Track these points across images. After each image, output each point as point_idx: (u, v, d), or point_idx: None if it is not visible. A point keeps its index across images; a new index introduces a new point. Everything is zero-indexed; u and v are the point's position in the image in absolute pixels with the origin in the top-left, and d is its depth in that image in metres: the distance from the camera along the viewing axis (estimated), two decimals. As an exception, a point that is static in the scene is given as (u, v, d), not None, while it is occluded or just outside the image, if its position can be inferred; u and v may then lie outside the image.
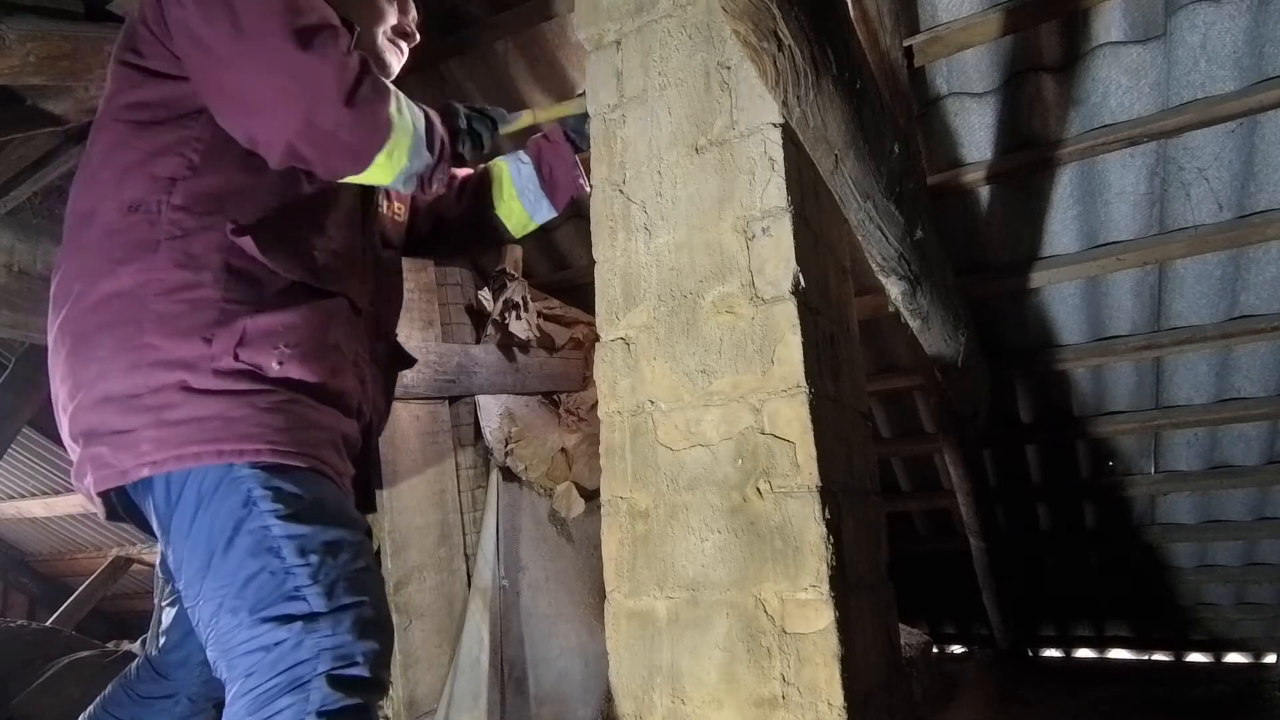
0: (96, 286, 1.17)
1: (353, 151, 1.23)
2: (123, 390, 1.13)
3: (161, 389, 1.12)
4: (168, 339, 1.14)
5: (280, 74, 1.16)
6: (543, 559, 2.98)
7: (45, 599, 6.63)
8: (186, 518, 1.12)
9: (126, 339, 1.14)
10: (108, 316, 1.16)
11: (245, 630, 1.07)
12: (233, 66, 1.16)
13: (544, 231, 3.29)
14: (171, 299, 1.15)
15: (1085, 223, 2.59)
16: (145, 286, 1.15)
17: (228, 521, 1.10)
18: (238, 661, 1.07)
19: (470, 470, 2.97)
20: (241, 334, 1.16)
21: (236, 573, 1.09)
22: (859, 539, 1.52)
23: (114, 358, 1.14)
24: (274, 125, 1.17)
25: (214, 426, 1.12)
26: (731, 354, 1.46)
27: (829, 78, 1.24)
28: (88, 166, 1.27)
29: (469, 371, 2.77)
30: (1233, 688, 3.61)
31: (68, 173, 2.33)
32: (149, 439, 1.11)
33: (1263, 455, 3.19)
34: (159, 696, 1.42)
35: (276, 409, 1.16)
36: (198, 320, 1.15)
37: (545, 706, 2.83)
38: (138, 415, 1.12)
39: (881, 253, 1.79)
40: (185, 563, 1.13)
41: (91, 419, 1.15)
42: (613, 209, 1.65)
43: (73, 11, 1.79)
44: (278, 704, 1.04)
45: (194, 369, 1.13)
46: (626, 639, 1.49)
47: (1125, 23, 2.12)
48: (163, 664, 1.44)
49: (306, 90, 1.16)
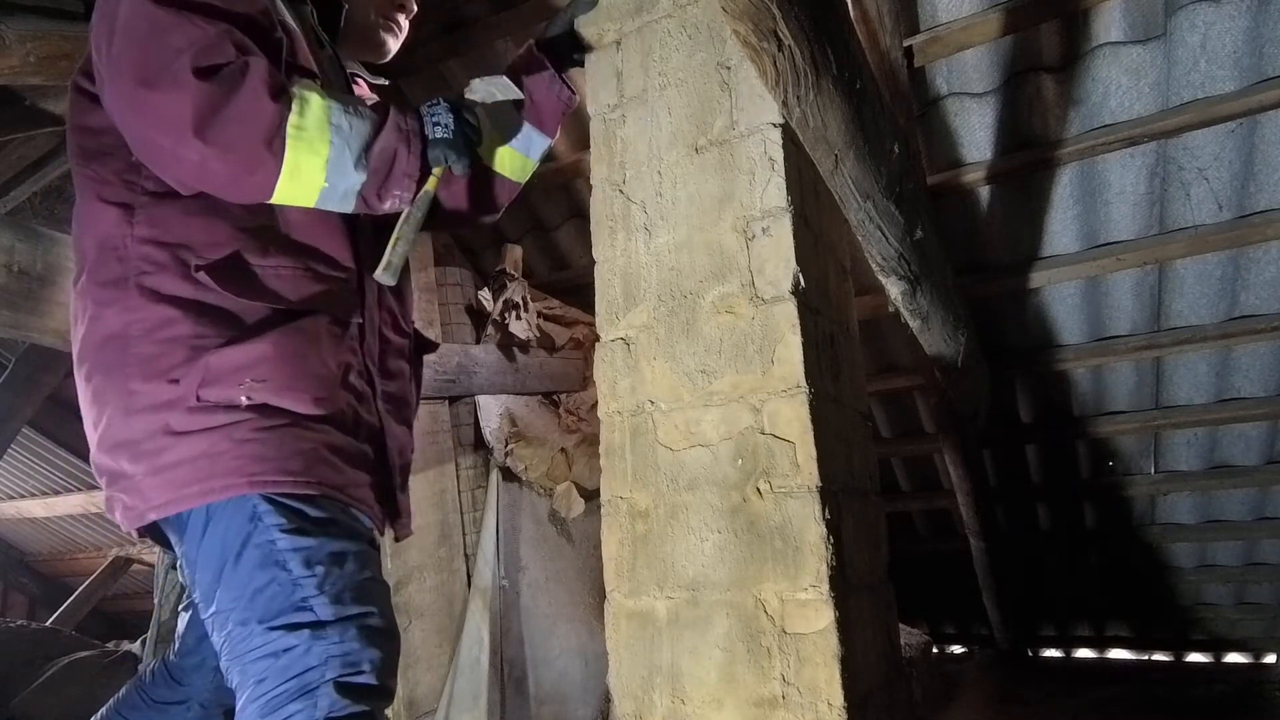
0: (95, 327, 1.19)
1: (234, 179, 1.14)
2: (125, 437, 1.16)
3: (152, 435, 1.14)
4: (146, 383, 1.15)
5: (135, 116, 1.12)
6: (543, 559, 2.98)
7: (45, 599, 6.63)
8: (198, 538, 1.16)
9: (118, 385, 1.16)
10: (104, 360, 1.18)
11: (256, 638, 1.09)
12: (113, 106, 1.15)
13: (544, 231, 3.30)
14: (150, 340, 1.16)
15: (1085, 223, 2.59)
16: (129, 327, 1.16)
17: (236, 538, 1.13)
18: (249, 668, 1.09)
19: (470, 470, 2.97)
20: (204, 372, 1.15)
21: (246, 585, 1.11)
22: (859, 539, 1.52)
23: (114, 403, 1.16)
24: (157, 163, 1.16)
25: (202, 466, 1.13)
26: (731, 354, 1.46)
27: (829, 78, 1.24)
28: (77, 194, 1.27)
29: (469, 371, 2.77)
30: (1233, 688, 3.62)
31: (68, 173, 2.33)
32: (150, 485, 1.14)
33: (1263, 455, 3.19)
34: (172, 702, 1.44)
35: (255, 438, 1.15)
36: (168, 361, 1.15)
37: (545, 706, 2.83)
38: (137, 462, 1.15)
39: (881, 253, 1.79)
40: (199, 577, 1.16)
41: (107, 462, 1.18)
42: (613, 209, 1.65)
43: (73, 11, 1.79)
44: (287, 709, 1.06)
45: (172, 410, 1.14)
46: (626, 639, 1.49)
47: (1125, 23, 2.12)
48: (178, 669, 1.45)
49: (159, 129, 1.11)
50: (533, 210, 3.26)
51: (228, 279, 1.17)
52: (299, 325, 1.22)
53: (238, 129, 1.10)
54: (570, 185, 3.07)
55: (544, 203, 3.20)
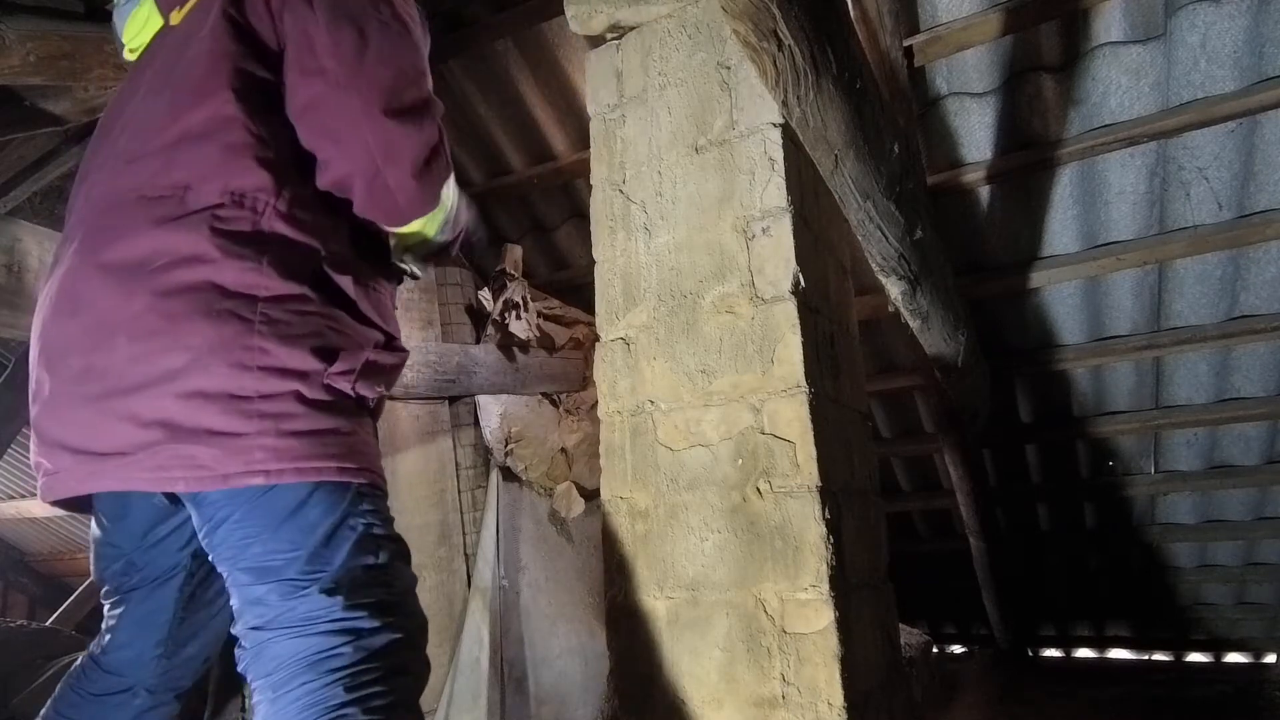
0: (192, 270, 1.09)
1: (400, 212, 1.26)
2: (225, 389, 1.07)
3: (275, 396, 1.09)
4: (281, 345, 1.10)
5: (367, 127, 1.16)
6: (543, 559, 2.98)
7: (45, 599, 6.63)
8: (273, 510, 1.11)
9: (234, 336, 1.08)
10: (207, 305, 1.08)
11: (340, 610, 1.09)
12: (336, 88, 1.16)
13: (544, 231, 3.30)
14: (282, 306, 1.12)
15: (1085, 223, 2.59)
16: (253, 287, 1.10)
17: (331, 515, 1.12)
18: (317, 639, 1.08)
19: (470, 470, 2.97)
20: (363, 364, 1.18)
21: (335, 560, 1.11)
22: (859, 539, 1.52)
23: (215, 352, 1.07)
24: (345, 158, 1.18)
25: (331, 441, 1.13)
26: (731, 354, 1.46)
27: (829, 78, 1.24)
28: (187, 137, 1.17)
29: (469, 371, 2.77)
30: (1233, 688, 3.62)
31: (68, 173, 2.33)
32: (266, 446, 1.08)
33: (1263, 455, 3.20)
34: (115, 691, 1.38)
35: (367, 429, 1.22)
36: (310, 332, 1.14)
37: (545, 706, 2.83)
38: (248, 420, 1.07)
39: (881, 253, 1.79)
40: (261, 544, 1.11)
41: (177, 411, 1.07)
42: (613, 209, 1.65)
43: (73, 11, 1.79)
44: (371, 690, 1.06)
45: (307, 380, 1.12)
46: (626, 639, 1.49)
47: (1125, 23, 2.13)
48: (110, 662, 1.39)
49: (386, 153, 1.18)
50: (533, 210, 3.26)
51: (353, 279, 1.22)
52: (405, 350, 1.33)
53: (434, 183, 1.25)
54: (570, 185, 3.07)
55: (544, 203, 3.20)
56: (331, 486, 1.13)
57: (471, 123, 2.94)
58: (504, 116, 2.88)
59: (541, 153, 2.98)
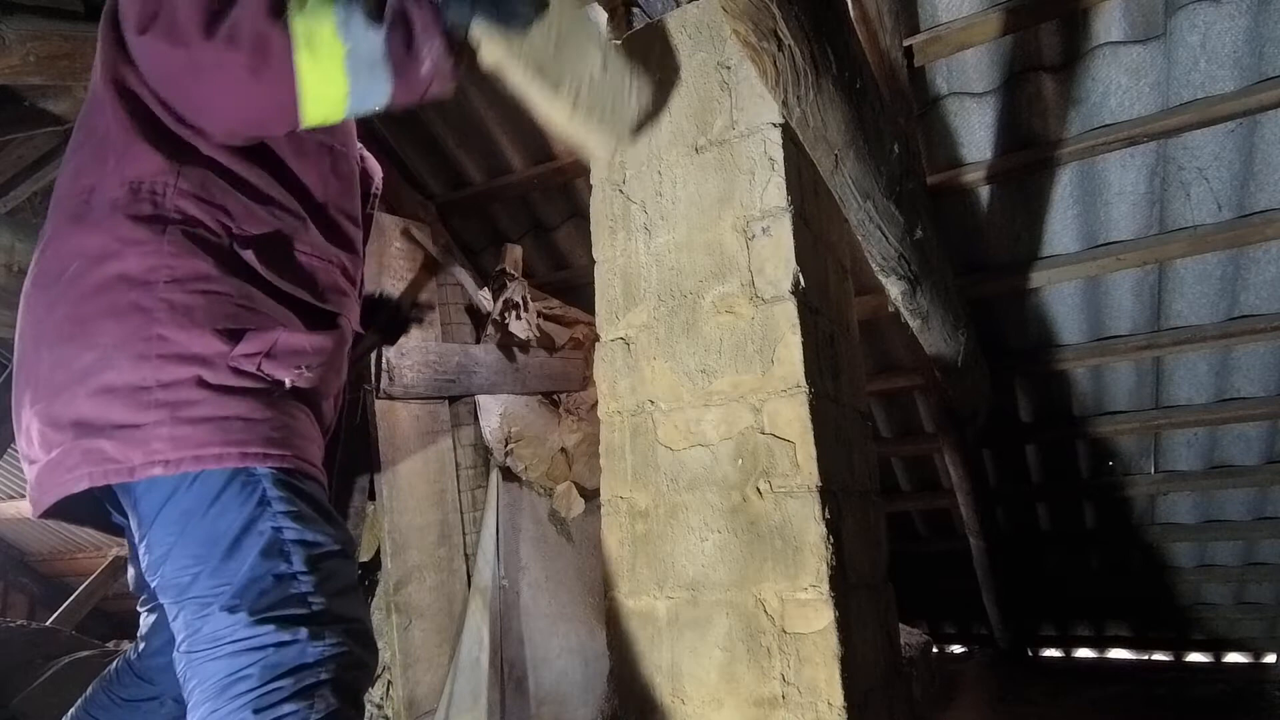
0: (101, 268, 1.10)
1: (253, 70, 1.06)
2: (128, 382, 1.07)
3: (174, 384, 1.08)
4: (180, 331, 1.09)
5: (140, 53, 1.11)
6: (543, 559, 2.98)
7: (45, 599, 6.63)
8: (182, 515, 1.08)
9: (136, 328, 1.08)
10: (112, 301, 1.09)
11: (243, 629, 1.03)
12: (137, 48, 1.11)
13: (544, 231, 3.30)
14: (184, 288, 1.10)
15: (1085, 222, 2.59)
16: (154, 272, 1.10)
17: (235, 520, 1.07)
18: (224, 661, 1.03)
19: (470, 470, 2.97)
20: (272, 345, 1.14)
21: (239, 572, 1.05)
22: (859, 539, 1.52)
23: (120, 346, 1.08)
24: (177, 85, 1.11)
25: (236, 427, 1.09)
26: (731, 354, 1.46)
27: (829, 77, 1.24)
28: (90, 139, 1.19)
29: (469, 371, 2.77)
30: (1233, 688, 3.62)
31: (68, 173, 2.33)
32: (163, 436, 1.06)
33: (1263, 455, 3.20)
34: (144, 699, 1.39)
35: (289, 414, 1.16)
36: (214, 313, 1.11)
37: (545, 706, 2.83)
38: (147, 410, 1.07)
39: (881, 253, 1.79)
40: (171, 560, 1.08)
41: (87, 409, 1.08)
42: (613, 209, 1.65)
43: (73, 11, 1.79)
44: (281, 710, 1.01)
45: (210, 365, 1.09)
46: (626, 639, 1.49)
47: (1125, 23, 2.13)
48: (144, 668, 1.39)
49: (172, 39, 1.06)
50: (533, 210, 3.26)
51: (269, 257, 1.18)
52: (338, 331, 1.27)
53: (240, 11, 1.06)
54: (570, 185, 3.07)
55: (544, 203, 3.20)
56: (242, 481, 1.08)
57: (472, 123, 2.93)
58: (504, 116, 2.88)
59: (541, 153, 2.98)
